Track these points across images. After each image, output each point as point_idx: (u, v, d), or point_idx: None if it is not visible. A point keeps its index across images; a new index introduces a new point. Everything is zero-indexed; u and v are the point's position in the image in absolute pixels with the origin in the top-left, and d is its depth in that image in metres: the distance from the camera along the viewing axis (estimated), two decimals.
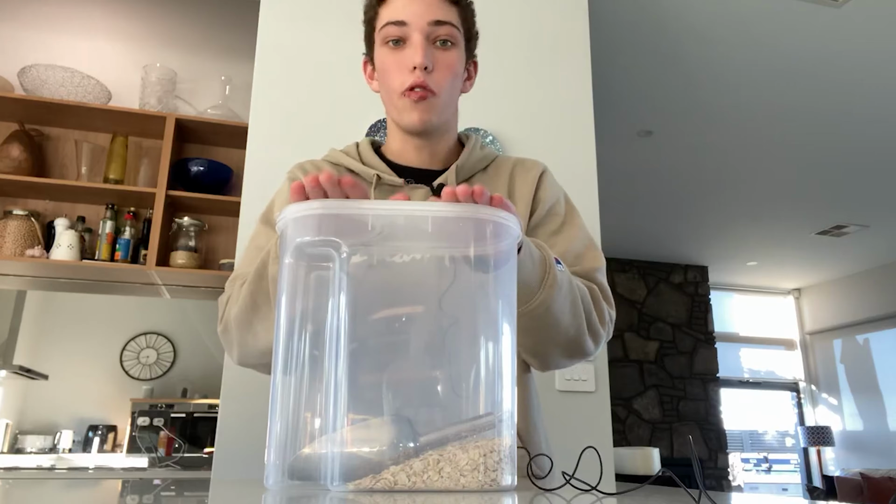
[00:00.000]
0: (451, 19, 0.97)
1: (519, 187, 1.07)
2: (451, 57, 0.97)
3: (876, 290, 6.69)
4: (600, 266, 1.03)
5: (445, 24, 0.95)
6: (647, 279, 6.61)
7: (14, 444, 4.85)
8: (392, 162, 1.05)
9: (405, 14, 0.94)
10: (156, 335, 5.55)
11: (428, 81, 0.94)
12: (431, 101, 0.96)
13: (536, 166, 1.10)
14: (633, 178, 4.75)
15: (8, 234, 2.48)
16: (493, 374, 0.67)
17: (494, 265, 0.70)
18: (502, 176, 1.08)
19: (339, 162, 1.08)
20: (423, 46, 0.94)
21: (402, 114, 0.98)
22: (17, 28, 2.89)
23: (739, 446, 6.90)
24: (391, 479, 0.62)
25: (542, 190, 1.07)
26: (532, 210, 1.06)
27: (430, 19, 0.94)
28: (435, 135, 1.03)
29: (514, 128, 2.16)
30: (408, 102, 0.96)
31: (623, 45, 3.19)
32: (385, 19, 0.96)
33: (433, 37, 0.96)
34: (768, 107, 3.73)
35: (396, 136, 1.05)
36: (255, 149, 2.02)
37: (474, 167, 1.06)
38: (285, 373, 0.66)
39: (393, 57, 0.96)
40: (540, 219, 1.05)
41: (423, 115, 0.97)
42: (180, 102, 2.90)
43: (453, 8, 0.98)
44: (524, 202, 1.05)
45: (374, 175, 1.02)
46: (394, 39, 0.96)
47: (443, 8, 0.96)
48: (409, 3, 0.95)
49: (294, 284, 0.68)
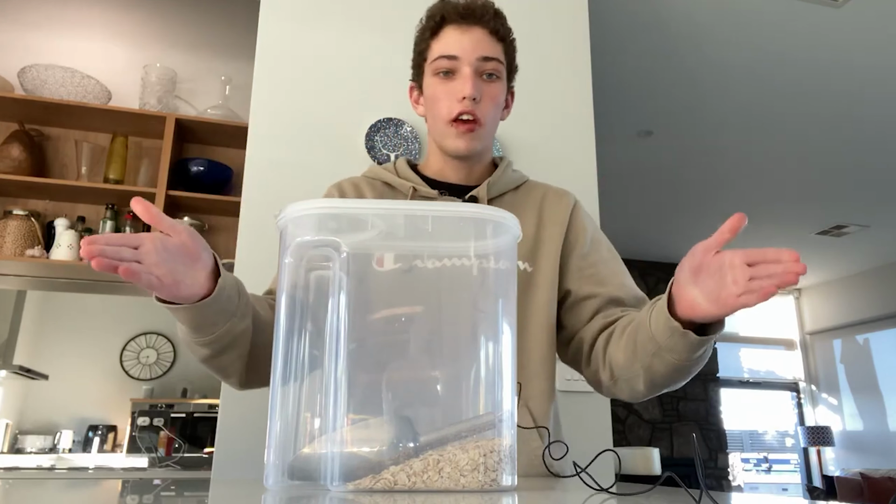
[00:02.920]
0: (498, 55, 1.05)
1: (552, 212, 1.14)
2: (496, 89, 1.06)
3: (876, 290, 6.69)
4: (639, 292, 1.14)
5: (492, 60, 1.05)
6: (647, 279, 6.61)
7: (14, 444, 4.85)
8: (428, 178, 1.14)
9: (457, 49, 1.03)
10: (156, 335, 5.55)
11: (475, 110, 1.03)
12: (478, 131, 1.05)
13: (568, 195, 1.19)
14: (633, 178, 4.75)
15: (8, 234, 2.47)
16: (493, 373, 0.67)
17: (494, 265, 0.70)
18: (534, 199, 1.15)
19: (377, 176, 1.15)
20: (472, 79, 1.02)
21: (447, 140, 1.07)
22: (17, 28, 2.89)
23: (739, 446, 6.90)
24: (391, 479, 0.62)
25: (579, 221, 1.15)
26: (569, 238, 1.13)
27: (479, 55, 1.03)
28: (474, 158, 1.11)
29: (514, 128, 2.16)
30: (455, 131, 1.05)
31: (623, 45, 3.19)
32: (437, 52, 1.05)
33: (481, 71, 1.04)
34: (768, 107, 3.73)
35: (437, 157, 1.13)
36: (255, 149, 2.01)
37: (506, 186, 1.14)
38: (285, 373, 0.66)
39: (443, 87, 1.05)
40: (585, 252, 1.12)
41: (470, 144, 1.06)
42: (180, 102, 2.90)
43: (499, 44, 1.07)
44: (558, 226, 1.12)
45: (409, 187, 1.10)
46: (444, 71, 1.05)
47: (491, 44, 1.05)
48: (460, 39, 1.04)
49: (294, 284, 0.68)
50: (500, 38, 1.06)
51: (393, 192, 1.12)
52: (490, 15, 1.05)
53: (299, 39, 2.14)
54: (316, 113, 2.08)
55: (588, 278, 1.10)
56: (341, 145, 2.06)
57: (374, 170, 1.17)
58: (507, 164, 1.17)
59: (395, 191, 1.12)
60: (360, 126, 2.08)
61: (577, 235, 1.13)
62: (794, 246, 6.10)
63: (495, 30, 1.05)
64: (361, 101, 2.09)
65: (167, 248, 0.74)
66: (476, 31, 1.04)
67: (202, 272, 0.78)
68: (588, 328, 1.07)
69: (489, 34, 1.04)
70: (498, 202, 1.12)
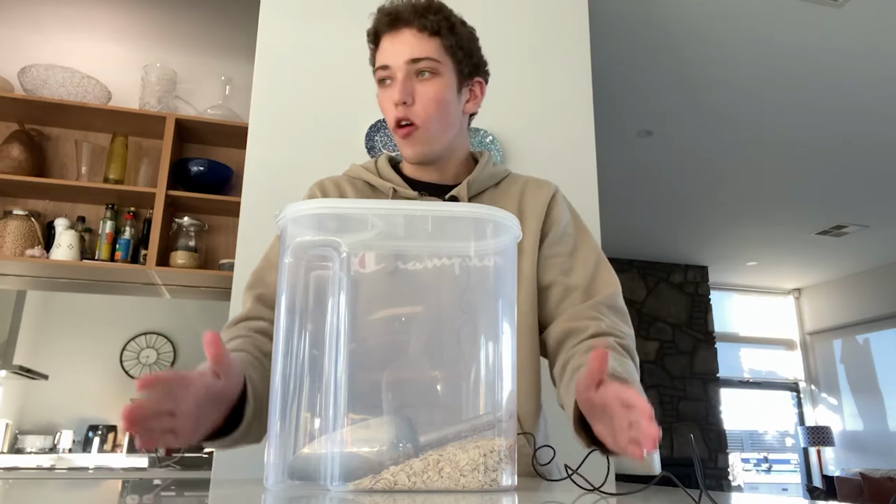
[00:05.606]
0: (430, 53, 1.02)
1: (530, 205, 1.11)
2: (432, 87, 1.03)
3: (876, 290, 6.69)
4: (617, 289, 1.08)
5: (423, 59, 1.02)
6: (647, 279, 6.61)
7: (14, 444, 4.85)
8: (408, 177, 1.12)
9: (388, 58, 1.03)
10: (156, 335, 5.55)
11: (408, 114, 1.02)
12: (417, 134, 1.03)
13: (548, 186, 1.15)
14: (633, 178, 4.75)
15: (8, 234, 2.47)
16: (493, 373, 0.67)
17: (494, 264, 0.70)
18: (513, 193, 1.13)
19: (358, 176, 1.14)
20: (400, 83, 1.01)
21: (399, 148, 1.06)
22: (17, 28, 2.89)
23: (739, 446, 6.90)
24: (391, 479, 0.62)
25: (555, 210, 1.12)
26: (544, 229, 1.10)
27: (407, 58, 1.02)
28: (438, 160, 1.09)
29: (514, 128, 2.16)
30: (399, 139, 1.04)
31: (623, 46, 3.19)
32: (376, 64, 1.06)
33: (415, 72, 1.02)
34: (768, 106, 3.73)
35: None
36: (255, 149, 2.02)
37: (485, 183, 1.12)
38: (285, 373, 0.66)
39: (383, 95, 1.05)
40: (555, 240, 1.10)
41: (414, 149, 1.04)
42: (180, 102, 2.90)
43: (433, 40, 1.03)
44: (536, 219, 1.10)
45: (390, 188, 1.09)
46: (381, 79, 1.05)
47: (420, 45, 1.02)
48: (390, 47, 1.03)
49: (294, 284, 0.68)
50: (432, 33, 1.03)
51: (374, 192, 1.12)
52: (417, 13, 1.02)
53: (299, 39, 2.14)
54: (316, 113, 2.08)
55: (553, 267, 1.07)
56: (341, 145, 2.06)
57: (355, 169, 1.16)
58: (486, 159, 1.15)
59: (376, 191, 1.12)
60: (360, 126, 2.08)
61: (550, 225, 1.11)
62: (794, 246, 6.11)
63: (424, 27, 1.02)
64: (361, 101, 2.09)
65: (207, 401, 0.72)
66: (404, 33, 1.02)
67: (225, 410, 0.77)
68: (551, 332, 1.05)
69: (418, 32, 1.02)
70: (478, 200, 1.10)
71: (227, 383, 0.74)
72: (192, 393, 0.69)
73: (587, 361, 0.73)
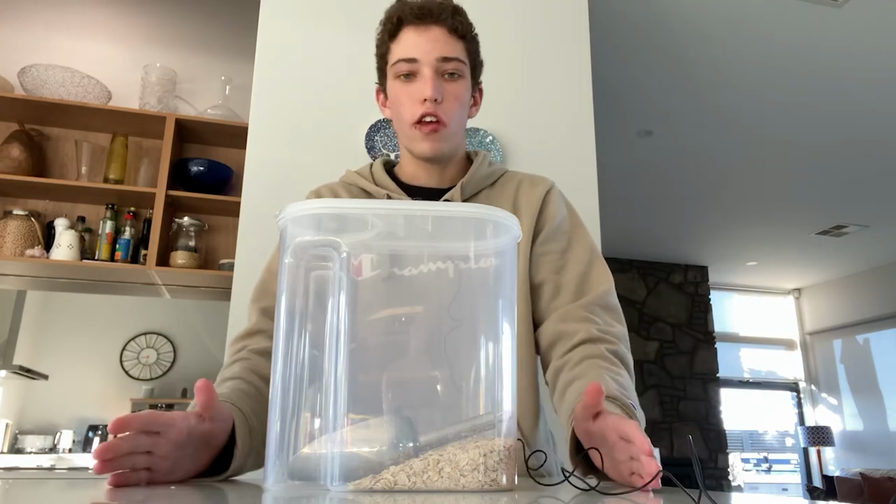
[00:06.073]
0: (458, 54, 1.03)
1: (525, 202, 1.11)
2: (459, 88, 1.03)
3: (876, 290, 6.69)
4: (609, 287, 1.06)
5: (453, 60, 1.02)
6: (647, 279, 6.61)
7: (14, 444, 4.85)
8: (403, 182, 1.12)
9: (415, 52, 1.01)
10: (156, 335, 5.55)
11: (438, 112, 1.01)
12: (442, 132, 1.03)
13: (543, 182, 1.14)
14: (633, 178, 4.75)
15: (8, 234, 2.48)
16: (493, 373, 0.67)
17: (494, 265, 0.70)
18: (508, 191, 1.12)
19: (354, 182, 1.14)
20: (432, 80, 1.00)
21: (413, 143, 1.05)
22: (17, 28, 2.89)
23: (739, 446, 6.90)
24: (391, 479, 0.62)
25: (549, 207, 1.11)
26: (538, 226, 1.09)
27: (438, 55, 1.01)
28: (444, 159, 1.09)
29: (514, 128, 2.16)
30: (419, 134, 1.03)
31: (623, 45, 3.19)
32: (397, 55, 1.03)
33: (442, 71, 1.02)
34: (768, 106, 3.73)
35: (409, 161, 1.12)
36: (255, 149, 2.02)
37: (480, 183, 1.12)
38: (285, 373, 0.66)
39: (405, 90, 1.03)
40: (548, 237, 1.09)
41: (435, 145, 1.04)
42: (180, 102, 2.90)
43: (460, 42, 1.04)
44: (529, 217, 1.09)
45: (384, 195, 1.08)
46: (405, 74, 1.02)
47: (450, 44, 1.02)
48: (418, 41, 1.01)
49: (294, 285, 0.68)
50: (459, 35, 1.03)
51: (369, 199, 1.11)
52: (448, 13, 1.02)
53: (299, 39, 2.14)
54: (316, 113, 2.08)
55: (545, 264, 1.07)
56: (341, 145, 2.06)
57: (350, 175, 1.15)
58: (481, 159, 1.14)
59: (371, 197, 1.10)
60: (360, 126, 2.08)
61: (544, 223, 1.10)
62: (794, 246, 6.11)
63: (454, 28, 1.02)
64: (361, 101, 2.09)
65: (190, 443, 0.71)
66: (434, 30, 1.01)
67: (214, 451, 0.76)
68: (542, 332, 1.04)
69: (448, 33, 1.02)
70: (474, 201, 1.09)
71: (212, 427, 0.74)
72: (173, 435, 0.69)
73: (583, 394, 0.72)
